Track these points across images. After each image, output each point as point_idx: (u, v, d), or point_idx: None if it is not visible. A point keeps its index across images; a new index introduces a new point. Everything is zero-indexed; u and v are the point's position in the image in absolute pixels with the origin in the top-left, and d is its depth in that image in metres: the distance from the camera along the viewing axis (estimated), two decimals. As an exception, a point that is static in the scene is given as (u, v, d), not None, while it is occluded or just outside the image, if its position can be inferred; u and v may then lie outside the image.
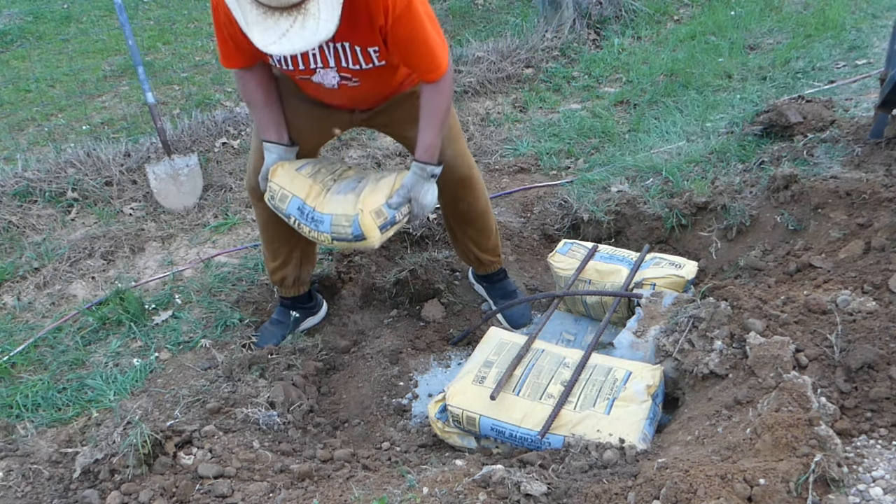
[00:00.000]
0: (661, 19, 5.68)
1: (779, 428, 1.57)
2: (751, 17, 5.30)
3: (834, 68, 4.22)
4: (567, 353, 2.20)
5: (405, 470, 1.93)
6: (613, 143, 3.87)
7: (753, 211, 2.88)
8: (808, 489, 1.44)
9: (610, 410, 1.95)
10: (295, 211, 2.25)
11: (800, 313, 1.99)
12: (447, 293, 2.88)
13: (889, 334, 1.82)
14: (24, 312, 2.94)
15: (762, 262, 2.65)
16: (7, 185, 3.60)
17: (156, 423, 2.14)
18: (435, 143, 2.14)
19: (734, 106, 3.94)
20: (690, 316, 2.11)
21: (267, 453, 2.05)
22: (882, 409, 1.71)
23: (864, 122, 3.15)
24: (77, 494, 1.94)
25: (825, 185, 2.71)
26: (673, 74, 4.55)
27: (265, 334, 2.70)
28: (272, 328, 2.72)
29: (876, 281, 2.08)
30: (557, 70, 4.97)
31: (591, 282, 2.65)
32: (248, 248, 3.26)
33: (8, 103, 5.15)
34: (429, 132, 2.13)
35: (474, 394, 2.07)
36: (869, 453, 1.62)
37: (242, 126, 4.25)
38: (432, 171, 2.17)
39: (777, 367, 1.79)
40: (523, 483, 1.63)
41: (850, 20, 4.85)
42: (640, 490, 1.53)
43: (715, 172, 3.22)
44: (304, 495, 1.84)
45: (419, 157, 2.14)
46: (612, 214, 3.13)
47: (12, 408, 2.37)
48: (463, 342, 2.72)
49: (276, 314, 2.75)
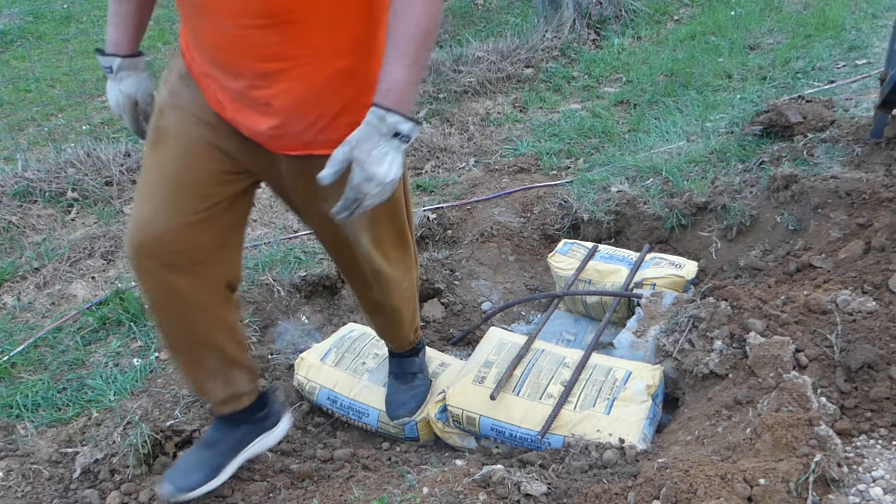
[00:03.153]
0: (661, 19, 5.67)
1: (779, 428, 1.57)
2: (751, 17, 5.30)
3: (834, 68, 4.21)
4: (567, 353, 2.20)
5: (405, 470, 1.93)
6: (613, 143, 3.87)
7: (753, 211, 2.88)
8: (808, 489, 1.44)
9: (610, 410, 1.95)
10: (325, 401, 2.27)
11: (800, 313, 1.99)
12: (447, 293, 2.88)
13: (889, 334, 1.82)
14: (24, 312, 2.94)
15: (762, 262, 2.65)
16: (7, 185, 3.60)
17: (156, 423, 2.14)
18: (404, 81, 1.36)
19: (734, 106, 3.94)
20: (690, 316, 2.11)
21: (267, 453, 2.05)
22: (882, 409, 1.71)
23: (864, 122, 3.15)
24: (77, 494, 1.94)
25: (825, 185, 2.71)
26: (673, 74, 4.55)
27: (182, 469, 1.79)
28: (196, 457, 1.81)
29: (876, 281, 2.08)
30: (557, 70, 4.97)
31: (591, 282, 2.65)
32: (247, 247, 3.26)
33: (8, 103, 5.15)
34: (395, 64, 1.35)
35: (474, 394, 2.07)
36: (869, 453, 1.62)
37: (242, 126, 4.25)
38: (395, 126, 1.34)
39: (777, 367, 1.79)
40: (523, 483, 1.63)
41: (850, 20, 4.85)
42: (640, 490, 1.53)
43: (715, 172, 3.22)
44: (304, 495, 1.84)
45: (378, 99, 1.35)
46: (612, 214, 3.13)
47: (12, 408, 2.37)
48: (463, 342, 2.72)
49: (207, 433, 1.88)
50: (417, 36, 1.35)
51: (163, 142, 1.58)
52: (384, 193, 1.39)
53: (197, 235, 1.57)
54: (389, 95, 1.35)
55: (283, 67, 1.42)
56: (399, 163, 1.39)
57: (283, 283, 2.88)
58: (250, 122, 1.50)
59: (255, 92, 1.45)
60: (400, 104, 1.35)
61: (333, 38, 1.41)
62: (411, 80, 1.37)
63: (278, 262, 3.00)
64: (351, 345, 2.39)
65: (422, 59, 1.38)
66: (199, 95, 1.55)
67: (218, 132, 1.55)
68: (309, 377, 2.31)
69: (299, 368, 2.35)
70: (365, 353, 2.35)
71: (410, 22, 1.33)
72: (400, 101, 1.35)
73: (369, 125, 1.36)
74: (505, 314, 2.87)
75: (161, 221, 1.54)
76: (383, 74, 1.36)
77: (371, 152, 1.35)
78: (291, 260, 3.01)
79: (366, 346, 2.38)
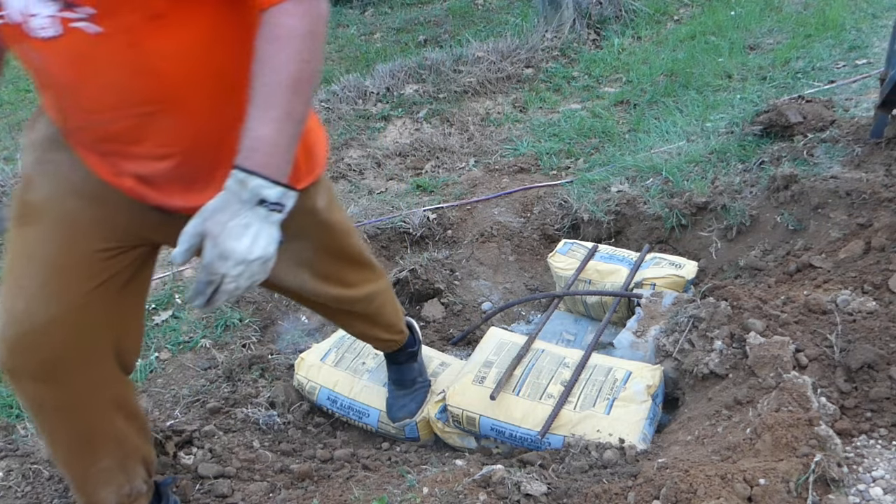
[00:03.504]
0: (661, 19, 5.67)
1: (779, 428, 1.57)
2: (751, 17, 5.30)
3: (834, 68, 4.21)
4: (567, 353, 2.20)
5: (405, 470, 1.93)
6: (613, 143, 3.87)
7: (753, 211, 2.88)
8: (808, 489, 1.44)
9: (610, 410, 1.95)
10: (326, 401, 2.27)
11: (800, 313, 1.99)
12: (447, 293, 2.88)
13: (889, 334, 1.82)
14: (24, 312, 2.94)
15: (762, 262, 2.65)
16: (7, 185, 3.60)
17: (156, 423, 2.14)
18: (271, 138, 1.13)
19: (734, 106, 3.94)
20: (690, 316, 2.11)
21: (267, 453, 2.05)
22: (882, 409, 1.71)
23: (864, 122, 3.15)
24: (77, 494, 1.94)
25: (825, 185, 2.71)
26: (673, 74, 4.55)
27: None
28: None
29: (876, 281, 2.08)
30: (557, 70, 4.97)
31: (591, 282, 2.65)
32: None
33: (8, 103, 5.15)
34: (260, 119, 1.12)
35: (474, 394, 2.07)
36: (869, 453, 1.61)
37: (242, 126, 4.25)
38: (258, 192, 1.12)
39: (777, 367, 1.79)
40: (523, 483, 1.63)
41: (850, 20, 4.85)
42: (640, 490, 1.53)
43: (715, 172, 3.22)
44: (304, 495, 1.84)
45: (239, 160, 1.13)
46: (612, 214, 3.13)
47: (12, 408, 2.37)
48: (463, 342, 2.72)
49: None
50: (287, 84, 1.11)
51: (33, 220, 1.32)
52: (254, 275, 1.15)
53: (85, 319, 1.33)
54: (253, 156, 1.12)
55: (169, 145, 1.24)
56: (269, 237, 1.14)
57: (283, 283, 2.88)
58: (161, 196, 1.29)
59: (148, 165, 1.26)
60: (266, 166, 1.12)
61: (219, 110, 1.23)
62: (281, 137, 1.13)
63: (278, 262, 3.00)
64: (351, 345, 2.39)
65: (297, 113, 1.14)
66: (76, 161, 1.30)
67: (105, 204, 1.31)
68: (309, 377, 2.31)
69: (299, 368, 2.35)
70: (365, 353, 2.35)
71: (278, 69, 1.11)
72: (266, 163, 1.12)
73: (227, 191, 1.13)
74: (505, 314, 2.87)
75: (40, 313, 1.29)
76: (246, 131, 1.13)
77: (227, 224, 1.11)
78: (291, 260, 3.01)
79: (366, 346, 2.38)
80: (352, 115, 4.41)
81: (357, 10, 6.83)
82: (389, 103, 4.51)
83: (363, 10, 6.83)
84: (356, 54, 5.66)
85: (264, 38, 1.11)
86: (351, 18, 6.65)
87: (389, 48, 5.67)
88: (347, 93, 4.58)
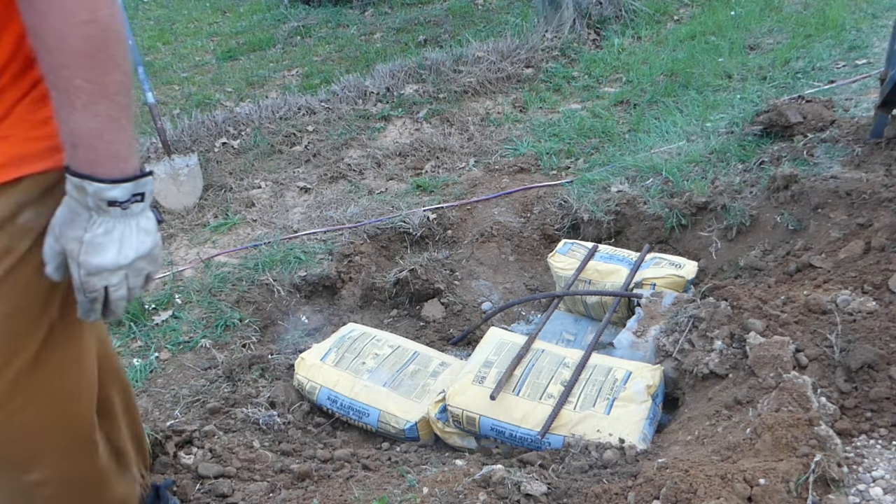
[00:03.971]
0: (661, 19, 5.67)
1: (779, 428, 1.57)
2: (751, 17, 5.30)
3: (834, 68, 4.21)
4: (567, 353, 2.20)
5: (405, 470, 1.93)
6: (613, 143, 3.87)
7: (753, 211, 2.88)
8: (808, 489, 1.44)
9: (610, 410, 1.95)
10: (326, 401, 2.27)
11: (800, 313, 1.99)
12: (447, 293, 2.88)
13: (889, 334, 1.82)
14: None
15: (762, 262, 2.65)
16: (7, 185, 3.60)
17: (156, 423, 2.14)
18: (90, 129, 0.94)
19: (734, 106, 3.94)
20: (690, 316, 2.11)
21: (267, 453, 2.05)
22: (882, 409, 1.71)
23: (864, 122, 3.15)
24: (77, 494, 1.94)
25: (825, 185, 2.71)
26: (673, 74, 4.55)
27: None
28: None
29: (876, 281, 2.08)
30: (557, 70, 4.97)
31: (591, 282, 2.65)
32: (248, 248, 3.26)
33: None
34: (69, 107, 0.93)
35: (474, 394, 2.07)
36: (869, 453, 1.62)
37: (242, 126, 4.25)
38: (101, 195, 0.96)
39: (777, 367, 1.79)
40: (523, 483, 1.63)
41: (850, 20, 4.85)
42: (640, 490, 1.53)
43: (715, 172, 3.22)
44: (304, 495, 1.84)
45: (68, 162, 0.97)
46: (612, 214, 3.13)
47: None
48: (463, 342, 2.72)
49: None
50: (81, 50, 0.88)
51: None
52: (141, 271, 1.03)
53: None
54: (78, 155, 0.95)
55: None
56: (139, 232, 1.00)
57: (283, 283, 2.89)
58: None
59: None
60: (96, 164, 0.94)
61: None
62: (102, 121, 0.93)
63: (278, 262, 3.00)
64: (351, 345, 2.39)
65: (111, 84, 0.92)
66: None
67: None
68: (309, 377, 2.31)
69: (299, 368, 2.35)
70: (365, 353, 2.35)
71: (59, 36, 0.88)
72: (95, 160, 0.94)
73: (69, 201, 0.98)
74: (505, 314, 2.87)
75: None
76: (60, 126, 0.95)
77: (83, 238, 0.97)
78: (291, 260, 3.01)
79: (366, 346, 2.38)
80: (352, 115, 4.41)
81: (357, 10, 6.84)
82: (389, 103, 4.52)
83: (363, 10, 6.83)
84: (356, 54, 5.66)
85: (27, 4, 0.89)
86: (351, 18, 6.65)
87: (389, 48, 5.67)
88: (347, 93, 4.58)
